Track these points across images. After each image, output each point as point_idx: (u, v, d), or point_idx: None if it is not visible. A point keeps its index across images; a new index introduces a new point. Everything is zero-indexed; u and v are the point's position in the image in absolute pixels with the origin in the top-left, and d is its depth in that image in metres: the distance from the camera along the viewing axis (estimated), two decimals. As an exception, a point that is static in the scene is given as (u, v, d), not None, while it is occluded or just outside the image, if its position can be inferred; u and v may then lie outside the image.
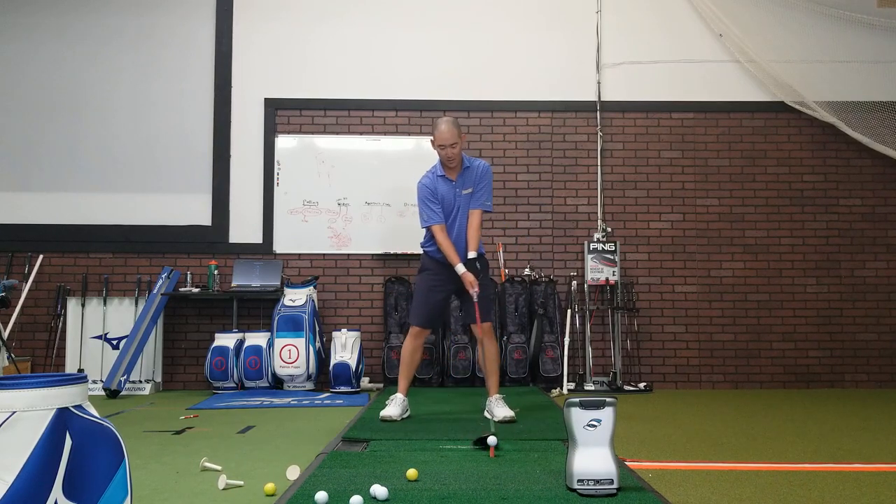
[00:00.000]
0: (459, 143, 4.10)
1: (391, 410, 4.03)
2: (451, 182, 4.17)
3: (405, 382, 4.20)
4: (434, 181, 4.18)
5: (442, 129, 4.06)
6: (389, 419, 3.98)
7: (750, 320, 6.22)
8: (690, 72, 6.35)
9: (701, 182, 6.34)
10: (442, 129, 4.06)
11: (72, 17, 6.37)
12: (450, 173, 4.18)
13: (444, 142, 4.06)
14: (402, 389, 4.17)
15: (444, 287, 4.23)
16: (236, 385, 5.73)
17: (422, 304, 4.23)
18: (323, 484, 2.56)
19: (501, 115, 6.34)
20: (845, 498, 2.57)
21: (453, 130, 4.06)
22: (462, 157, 4.17)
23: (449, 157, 4.09)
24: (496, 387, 4.15)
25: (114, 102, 6.33)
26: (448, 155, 4.09)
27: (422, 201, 4.18)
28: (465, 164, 4.19)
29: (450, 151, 4.07)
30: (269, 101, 6.33)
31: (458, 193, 4.17)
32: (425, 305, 4.22)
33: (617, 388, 5.90)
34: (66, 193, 6.25)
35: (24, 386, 1.52)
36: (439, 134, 4.07)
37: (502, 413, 4.01)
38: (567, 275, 6.24)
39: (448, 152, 4.08)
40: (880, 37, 6.30)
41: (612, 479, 2.45)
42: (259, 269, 6.07)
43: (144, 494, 2.60)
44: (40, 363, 6.04)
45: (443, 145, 4.07)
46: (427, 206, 4.16)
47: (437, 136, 4.07)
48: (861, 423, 4.36)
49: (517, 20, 6.41)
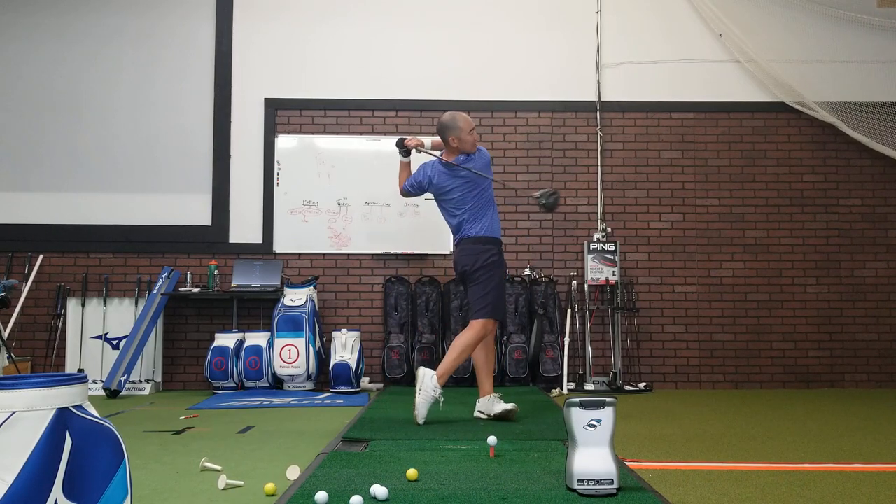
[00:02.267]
0: None
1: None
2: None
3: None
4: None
5: (462, 115, 4.17)
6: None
7: (750, 320, 6.22)
8: (690, 72, 6.36)
9: (701, 182, 6.34)
10: (462, 115, 4.17)
11: (72, 17, 6.37)
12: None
13: (473, 125, 4.18)
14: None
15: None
16: (236, 385, 5.73)
17: (503, 296, 4.19)
18: (323, 484, 2.56)
19: (501, 115, 6.34)
20: (845, 498, 2.57)
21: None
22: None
23: (476, 140, 4.20)
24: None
25: (114, 102, 6.33)
26: (476, 139, 4.20)
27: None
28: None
29: (476, 135, 4.22)
30: (269, 101, 6.33)
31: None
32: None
33: (617, 388, 5.90)
34: (66, 193, 6.26)
35: (24, 386, 1.52)
36: (466, 120, 4.15)
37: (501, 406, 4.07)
38: (567, 275, 6.24)
39: (476, 136, 4.20)
40: (880, 37, 6.31)
41: (612, 479, 2.45)
42: (259, 269, 6.07)
43: (144, 494, 2.60)
44: (40, 363, 6.04)
45: (473, 129, 4.17)
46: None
47: (467, 122, 4.14)
48: (861, 423, 4.36)
49: (517, 20, 6.41)
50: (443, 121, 4.18)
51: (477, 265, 4.06)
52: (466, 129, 4.11)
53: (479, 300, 4.06)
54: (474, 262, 4.07)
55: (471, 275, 4.09)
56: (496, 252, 4.13)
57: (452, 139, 4.13)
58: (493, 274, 4.08)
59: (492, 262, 4.08)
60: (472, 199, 4.13)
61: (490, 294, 4.06)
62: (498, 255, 4.14)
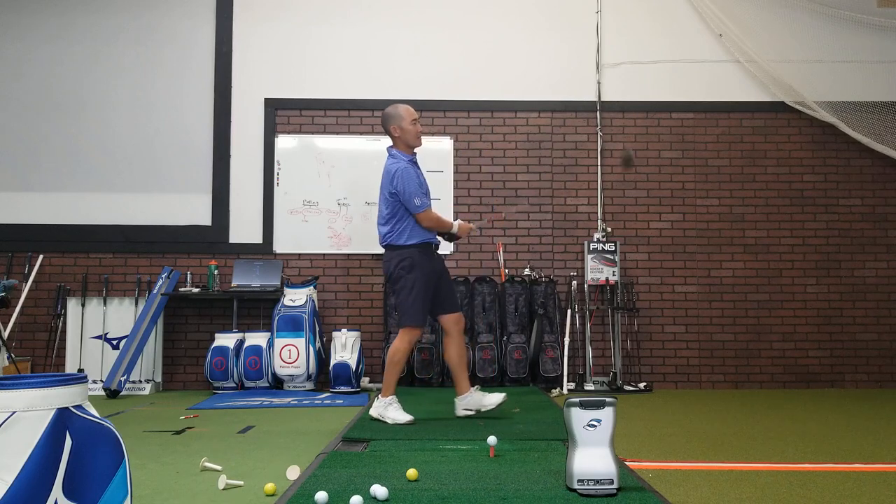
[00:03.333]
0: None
1: (403, 416, 3.95)
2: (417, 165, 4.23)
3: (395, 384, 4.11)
4: (413, 166, 4.16)
5: (404, 105, 4.14)
6: (410, 423, 3.90)
7: (750, 320, 6.22)
8: (690, 72, 6.35)
9: (701, 182, 6.34)
10: (404, 105, 4.14)
11: (72, 17, 6.37)
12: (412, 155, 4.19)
13: (416, 115, 4.12)
14: (393, 390, 4.08)
15: (435, 277, 4.14)
16: (236, 385, 5.73)
17: (422, 302, 4.04)
18: (323, 484, 2.56)
19: (501, 115, 6.34)
20: (845, 498, 2.57)
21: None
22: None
23: (420, 132, 4.14)
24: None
25: (114, 102, 6.33)
26: (420, 131, 4.14)
27: (416, 185, 4.05)
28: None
29: (420, 127, 4.14)
30: (269, 101, 6.33)
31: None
32: (424, 302, 4.06)
33: (617, 388, 5.90)
34: (66, 193, 6.26)
35: (24, 386, 1.52)
36: (408, 109, 4.11)
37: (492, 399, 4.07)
38: (567, 275, 6.24)
39: (419, 127, 4.13)
40: (880, 37, 6.30)
41: (612, 479, 2.45)
42: (259, 269, 6.07)
43: (144, 494, 2.60)
44: (40, 363, 6.04)
45: (415, 119, 4.11)
46: (421, 190, 4.09)
47: (409, 112, 4.09)
48: (861, 423, 4.36)
49: (517, 20, 6.41)
50: (385, 111, 4.18)
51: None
52: (408, 119, 4.09)
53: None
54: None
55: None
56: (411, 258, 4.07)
57: (394, 128, 4.11)
58: (409, 279, 4.05)
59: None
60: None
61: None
62: (409, 261, 4.05)
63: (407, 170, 4.05)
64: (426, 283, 4.03)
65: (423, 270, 4.02)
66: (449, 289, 4.23)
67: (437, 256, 4.20)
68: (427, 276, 4.03)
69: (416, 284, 3.99)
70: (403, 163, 4.09)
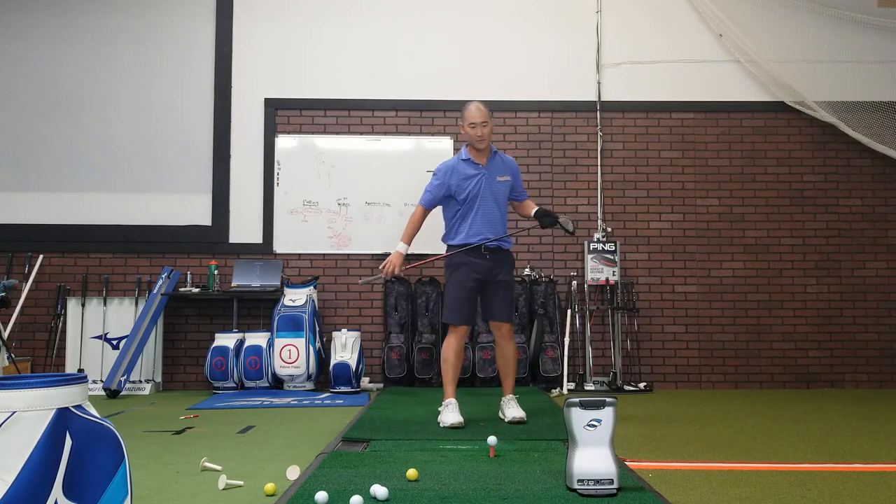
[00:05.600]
0: (490, 123, 4.10)
1: (449, 418, 3.86)
2: (479, 167, 4.11)
3: (454, 386, 4.04)
4: (457, 164, 4.12)
5: (471, 108, 4.09)
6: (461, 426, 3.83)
7: (750, 320, 6.22)
8: (690, 72, 6.35)
9: (701, 182, 6.34)
10: (471, 108, 4.09)
11: (72, 17, 6.37)
12: (478, 157, 4.12)
13: (474, 119, 4.06)
14: (453, 393, 4.00)
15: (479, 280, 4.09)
16: (236, 385, 5.73)
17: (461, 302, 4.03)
18: (323, 484, 2.56)
19: (501, 116, 6.33)
20: (845, 498, 2.57)
21: (483, 109, 4.09)
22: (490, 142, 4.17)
23: (480, 136, 4.06)
24: (512, 387, 4.17)
25: (114, 102, 6.33)
26: (479, 134, 4.06)
27: (433, 184, 4.13)
28: (493, 150, 4.20)
29: (481, 130, 4.06)
30: (269, 101, 6.33)
31: (489, 179, 4.09)
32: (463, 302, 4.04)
33: (617, 388, 5.90)
34: (66, 193, 6.26)
35: (24, 386, 1.52)
36: (469, 112, 4.08)
37: (511, 413, 4.01)
38: (567, 275, 6.24)
39: (479, 131, 4.06)
40: (880, 37, 6.30)
41: (612, 479, 2.45)
42: (259, 269, 6.07)
43: (144, 494, 2.60)
44: (40, 363, 6.04)
45: (473, 123, 4.06)
46: (434, 188, 4.12)
47: (468, 115, 4.08)
48: (861, 423, 4.36)
49: (517, 20, 6.41)
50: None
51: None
52: (467, 122, 4.09)
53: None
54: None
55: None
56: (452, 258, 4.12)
57: (461, 126, 4.18)
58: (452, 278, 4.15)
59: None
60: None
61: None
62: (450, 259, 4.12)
63: (442, 165, 4.18)
64: (463, 283, 4.04)
65: (463, 271, 4.05)
66: (496, 295, 4.10)
67: (491, 259, 4.07)
68: (466, 276, 4.04)
69: (454, 284, 4.08)
70: (452, 159, 4.21)
